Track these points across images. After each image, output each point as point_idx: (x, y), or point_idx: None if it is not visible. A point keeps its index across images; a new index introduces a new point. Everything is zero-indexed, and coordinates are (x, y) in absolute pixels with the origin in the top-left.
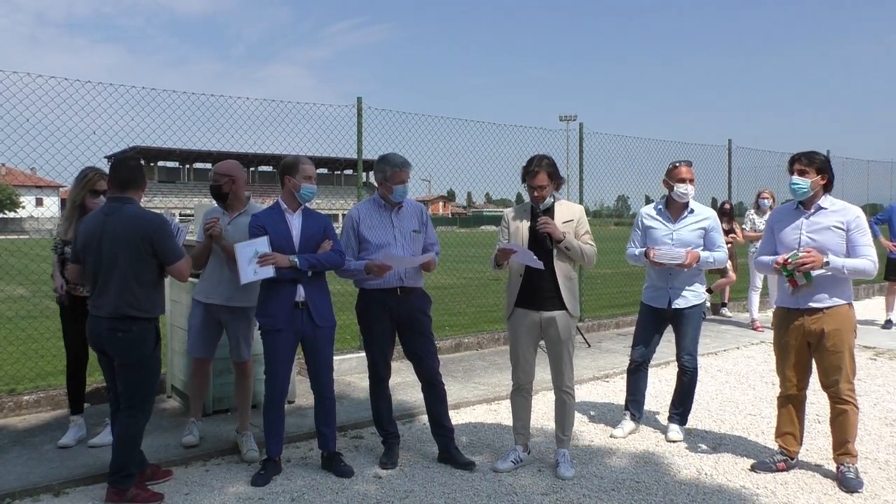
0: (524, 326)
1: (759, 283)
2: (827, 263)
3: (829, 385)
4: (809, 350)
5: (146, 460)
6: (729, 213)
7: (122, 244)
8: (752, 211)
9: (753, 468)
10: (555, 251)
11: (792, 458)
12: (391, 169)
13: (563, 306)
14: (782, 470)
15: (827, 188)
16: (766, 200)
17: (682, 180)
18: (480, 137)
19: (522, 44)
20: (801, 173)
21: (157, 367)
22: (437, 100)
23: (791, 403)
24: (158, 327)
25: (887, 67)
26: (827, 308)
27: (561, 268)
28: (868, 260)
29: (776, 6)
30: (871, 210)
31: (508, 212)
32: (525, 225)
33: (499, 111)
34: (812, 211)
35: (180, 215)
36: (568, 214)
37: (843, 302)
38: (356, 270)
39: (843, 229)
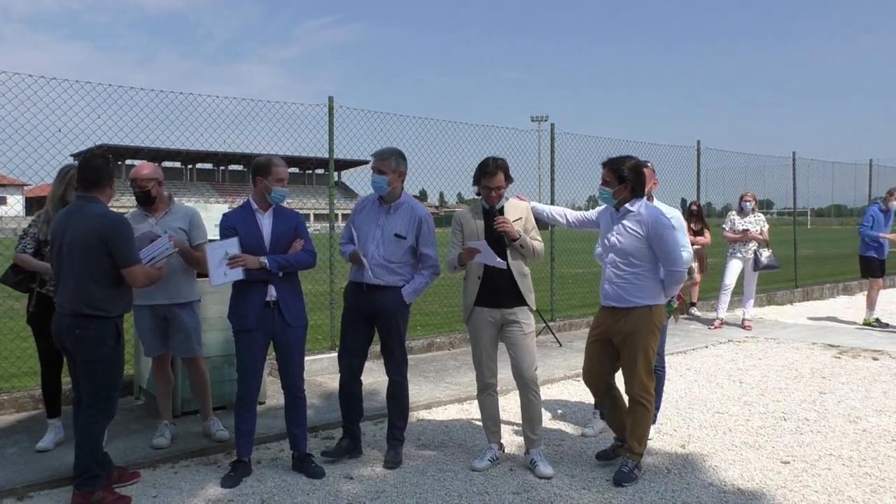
0: (485, 325)
1: (731, 283)
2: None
3: (625, 383)
4: (613, 347)
5: (112, 463)
6: (697, 214)
7: (79, 243)
8: (734, 213)
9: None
10: (508, 249)
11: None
12: (372, 158)
13: (522, 302)
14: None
15: (634, 193)
16: (748, 203)
17: None
18: (453, 137)
19: (497, 44)
20: (605, 183)
21: (118, 366)
22: (410, 99)
23: (606, 400)
24: (119, 326)
25: (856, 69)
26: (627, 309)
27: (514, 265)
28: (675, 261)
29: (747, 6)
30: (836, 210)
31: (460, 213)
32: (480, 225)
33: (472, 111)
34: (620, 214)
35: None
36: (517, 213)
37: (644, 304)
38: (343, 254)
39: (642, 235)
